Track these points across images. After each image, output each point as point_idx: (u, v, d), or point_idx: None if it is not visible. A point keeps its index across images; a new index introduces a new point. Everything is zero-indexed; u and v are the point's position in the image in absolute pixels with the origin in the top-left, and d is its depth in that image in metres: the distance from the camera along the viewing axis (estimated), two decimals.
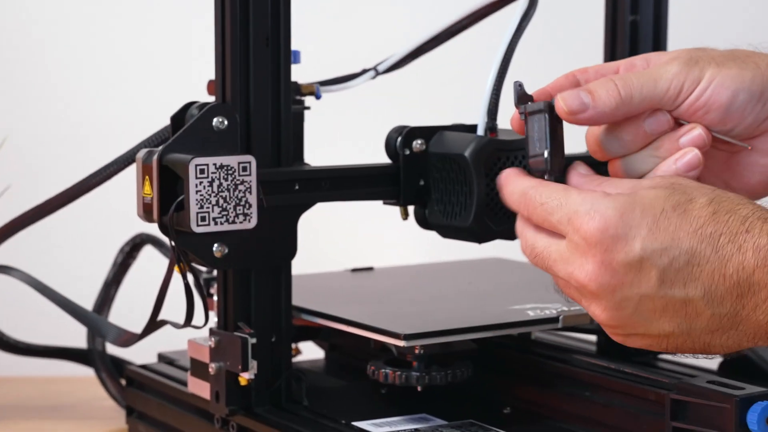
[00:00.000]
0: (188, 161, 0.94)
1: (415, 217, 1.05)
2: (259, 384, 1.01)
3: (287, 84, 1.00)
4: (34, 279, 1.20)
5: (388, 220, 1.37)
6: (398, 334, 0.97)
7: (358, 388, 1.09)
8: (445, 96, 1.74)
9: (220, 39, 0.99)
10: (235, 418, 1.01)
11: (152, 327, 1.03)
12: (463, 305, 1.09)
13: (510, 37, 1.01)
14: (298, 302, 1.04)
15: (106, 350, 1.28)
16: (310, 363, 1.19)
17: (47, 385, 1.41)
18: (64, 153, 1.72)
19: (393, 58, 1.09)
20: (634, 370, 0.96)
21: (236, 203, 0.96)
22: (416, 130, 1.04)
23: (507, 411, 1.03)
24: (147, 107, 1.69)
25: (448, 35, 1.09)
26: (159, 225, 0.97)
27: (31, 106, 1.73)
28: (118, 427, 1.23)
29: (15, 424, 1.26)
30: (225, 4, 0.98)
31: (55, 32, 1.72)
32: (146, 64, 1.74)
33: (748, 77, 0.85)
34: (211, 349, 1.01)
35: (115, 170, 1.09)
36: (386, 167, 1.04)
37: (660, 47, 1.22)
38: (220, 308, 1.01)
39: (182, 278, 0.98)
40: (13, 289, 1.30)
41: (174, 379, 1.13)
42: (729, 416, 0.86)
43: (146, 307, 1.02)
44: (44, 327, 1.52)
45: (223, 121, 0.97)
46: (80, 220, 1.71)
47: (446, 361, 1.01)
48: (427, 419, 1.00)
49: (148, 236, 1.26)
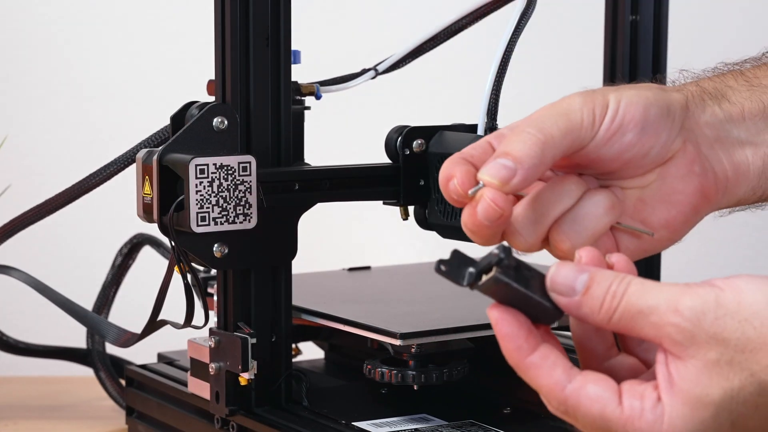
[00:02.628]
0: (188, 161, 0.94)
1: (415, 217, 1.05)
2: (259, 384, 1.01)
3: (287, 84, 1.00)
4: (34, 279, 1.20)
5: (387, 220, 1.37)
6: (394, 333, 0.97)
7: (358, 388, 1.09)
8: (445, 96, 1.74)
9: (220, 39, 0.99)
10: (235, 418, 1.01)
11: (152, 327, 1.03)
12: (459, 304, 1.09)
13: (509, 36, 1.01)
14: (295, 302, 1.04)
15: (105, 350, 1.28)
16: (310, 363, 1.19)
17: (47, 385, 1.41)
18: (64, 153, 1.72)
19: (393, 58, 1.09)
20: None
21: (236, 203, 0.96)
22: (416, 130, 1.04)
23: (507, 411, 1.03)
24: (147, 107, 1.69)
25: (447, 35, 1.09)
26: (159, 225, 0.97)
27: (31, 106, 1.73)
28: (118, 427, 1.23)
29: (15, 424, 1.26)
30: (225, 4, 0.98)
31: (55, 32, 1.72)
32: (146, 64, 1.74)
33: (651, 94, 0.80)
34: (211, 349, 1.01)
35: (115, 170, 1.09)
36: (386, 167, 1.04)
37: (660, 47, 1.22)
38: (220, 308, 1.01)
39: (182, 278, 0.98)
40: (13, 289, 1.30)
41: (174, 379, 1.13)
42: None
43: (146, 307, 1.02)
44: (44, 327, 1.53)
45: (223, 121, 0.97)
46: (80, 220, 1.71)
47: (443, 360, 1.01)
48: (427, 419, 1.00)
49: (146, 236, 1.26)
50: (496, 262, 0.69)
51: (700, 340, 0.65)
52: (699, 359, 0.65)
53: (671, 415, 0.66)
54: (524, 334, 0.69)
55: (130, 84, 1.74)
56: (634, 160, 0.79)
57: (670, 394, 0.66)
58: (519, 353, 0.69)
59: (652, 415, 0.66)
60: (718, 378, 0.65)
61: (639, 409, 0.66)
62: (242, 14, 0.98)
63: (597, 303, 0.68)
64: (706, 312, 0.66)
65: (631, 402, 0.67)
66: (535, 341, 0.69)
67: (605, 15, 1.21)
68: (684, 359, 0.66)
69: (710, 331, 0.65)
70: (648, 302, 0.67)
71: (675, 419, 0.66)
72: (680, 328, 0.66)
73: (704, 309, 0.66)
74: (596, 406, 0.67)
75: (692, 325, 0.65)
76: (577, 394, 0.68)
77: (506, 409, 1.03)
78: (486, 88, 1.01)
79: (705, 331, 0.65)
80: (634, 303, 0.67)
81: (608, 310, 0.68)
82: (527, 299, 0.69)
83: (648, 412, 0.66)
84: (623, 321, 0.67)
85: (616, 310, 0.67)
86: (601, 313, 0.68)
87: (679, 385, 0.66)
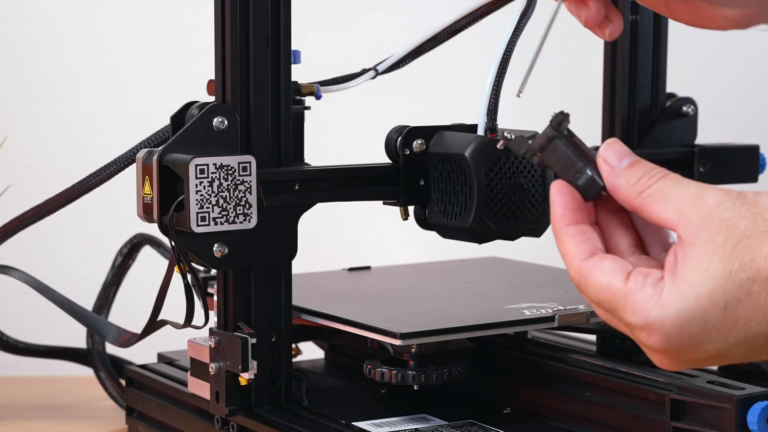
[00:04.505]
0: (188, 161, 0.94)
1: (415, 217, 1.05)
2: (259, 384, 1.01)
3: (287, 84, 1.00)
4: (34, 279, 1.20)
5: (387, 220, 1.37)
6: (394, 333, 0.97)
7: (358, 388, 1.09)
8: (445, 96, 1.74)
9: (220, 39, 0.99)
10: (235, 418, 1.01)
11: (152, 327, 1.03)
12: (459, 304, 1.09)
13: (509, 36, 1.01)
14: (295, 302, 1.04)
15: (105, 350, 1.28)
16: (310, 363, 1.19)
17: (47, 385, 1.41)
18: (64, 153, 1.72)
19: (393, 58, 1.09)
20: (634, 370, 0.96)
21: (236, 203, 0.96)
22: (416, 130, 1.04)
23: (507, 411, 1.03)
24: (147, 107, 1.69)
25: (447, 35, 1.09)
26: (159, 225, 0.97)
27: (31, 106, 1.73)
28: (118, 427, 1.23)
29: (15, 424, 1.26)
30: (225, 4, 0.98)
31: (55, 32, 1.72)
32: (146, 64, 1.74)
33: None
34: (211, 349, 1.01)
35: (115, 170, 1.09)
36: (386, 167, 1.04)
37: (660, 47, 1.22)
38: (220, 308, 1.02)
39: (182, 278, 0.98)
40: (13, 289, 1.30)
41: (174, 379, 1.13)
42: (729, 416, 0.86)
43: (146, 307, 1.02)
44: (44, 327, 1.53)
45: (223, 121, 0.97)
46: (80, 220, 1.71)
47: (443, 360, 1.01)
48: (427, 419, 1.00)
49: (146, 236, 1.26)
50: (553, 123, 0.74)
51: (713, 224, 0.69)
52: (708, 241, 0.69)
53: (669, 289, 0.69)
54: (573, 206, 0.74)
55: (130, 84, 1.74)
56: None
57: (673, 273, 0.70)
58: (561, 220, 0.74)
59: (651, 289, 0.70)
60: (721, 257, 0.68)
61: (641, 283, 0.70)
62: (242, 14, 0.98)
63: (635, 177, 0.72)
64: (725, 201, 0.69)
65: (636, 277, 0.71)
66: (580, 217, 0.74)
67: None
68: (695, 243, 0.69)
69: (724, 216, 0.69)
70: (679, 189, 0.71)
71: (672, 292, 0.69)
72: (699, 212, 0.69)
73: (725, 199, 0.70)
74: (605, 278, 0.71)
75: (710, 210, 0.69)
76: (592, 266, 0.72)
77: (506, 409, 1.03)
78: (486, 88, 1.01)
79: (720, 216, 0.69)
80: (666, 188, 0.71)
81: (642, 185, 0.72)
82: (573, 163, 0.74)
83: (648, 286, 0.70)
84: (650, 199, 0.71)
85: (649, 187, 0.72)
86: (635, 186, 0.72)
87: (683, 263, 0.69)
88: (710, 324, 0.68)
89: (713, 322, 0.68)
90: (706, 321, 0.68)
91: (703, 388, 0.88)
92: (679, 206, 0.70)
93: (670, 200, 0.71)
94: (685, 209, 0.70)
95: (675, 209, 0.70)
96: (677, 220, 0.70)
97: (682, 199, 0.70)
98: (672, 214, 0.70)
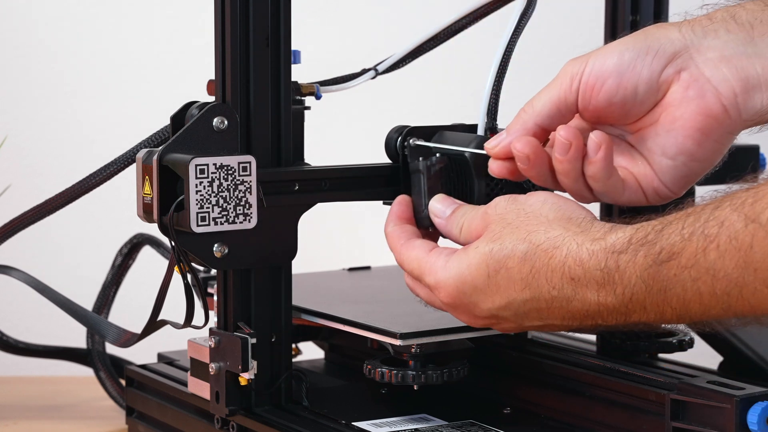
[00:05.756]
0: (188, 161, 0.94)
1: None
2: (259, 384, 1.01)
3: (287, 84, 1.00)
4: (34, 279, 1.20)
5: None
6: (394, 333, 0.97)
7: (358, 388, 1.09)
8: (445, 96, 1.74)
9: (220, 39, 0.99)
10: (235, 418, 1.01)
11: (152, 327, 1.03)
12: None
13: (509, 36, 1.01)
14: (295, 302, 1.04)
15: (105, 350, 1.28)
16: (310, 363, 1.19)
17: (47, 385, 1.41)
18: (64, 153, 1.72)
19: (393, 58, 1.09)
20: (634, 370, 0.96)
21: (236, 203, 0.96)
22: (416, 130, 1.04)
23: (507, 411, 1.03)
24: (147, 107, 1.69)
25: (447, 35, 1.09)
26: (159, 225, 0.97)
27: (31, 106, 1.73)
28: (118, 427, 1.23)
29: (15, 424, 1.26)
30: (225, 4, 0.98)
31: (55, 32, 1.72)
32: (146, 64, 1.74)
33: (630, 39, 0.89)
34: (211, 349, 1.01)
35: (115, 170, 1.09)
36: (386, 167, 1.04)
37: None
38: (220, 308, 1.02)
39: (182, 278, 0.98)
40: (13, 289, 1.30)
41: (174, 379, 1.13)
42: (729, 416, 0.86)
43: (146, 307, 1.02)
44: (44, 327, 1.53)
45: (223, 121, 0.97)
46: (80, 221, 1.71)
47: (443, 360, 1.01)
48: (427, 419, 1.00)
49: (146, 236, 1.26)
50: (427, 162, 0.97)
51: (495, 218, 0.89)
52: (490, 231, 0.88)
53: (453, 258, 0.89)
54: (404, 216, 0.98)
55: (130, 84, 1.74)
56: (628, 101, 0.89)
57: (462, 249, 0.89)
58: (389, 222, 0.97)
59: (444, 258, 0.90)
60: (488, 239, 0.87)
61: (438, 254, 0.90)
62: (242, 14, 0.98)
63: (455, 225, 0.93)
64: (502, 202, 0.89)
65: (436, 251, 0.91)
66: (405, 221, 0.97)
67: (605, 15, 1.21)
68: (483, 232, 0.89)
69: (499, 212, 0.89)
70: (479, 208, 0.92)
71: (454, 261, 0.89)
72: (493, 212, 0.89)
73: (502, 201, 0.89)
74: (414, 252, 0.92)
75: (496, 209, 0.89)
76: (407, 243, 0.94)
77: (506, 409, 1.03)
78: (486, 88, 1.01)
79: (496, 212, 0.89)
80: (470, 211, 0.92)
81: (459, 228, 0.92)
82: (422, 198, 0.97)
83: (443, 256, 0.90)
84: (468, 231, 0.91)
85: (463, 226, 0.92)
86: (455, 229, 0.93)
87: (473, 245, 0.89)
88: (479, 288, 0.87)
89: (481, 287, 0.87)
90: (475, 285, 0.87)
91: (703, 388, 0.88)
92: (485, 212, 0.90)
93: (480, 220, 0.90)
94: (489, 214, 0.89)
95: (481, 218, 0.90)
96: (482, 226, 0.89)
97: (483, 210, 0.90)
98: (481, 226, 0.89)
